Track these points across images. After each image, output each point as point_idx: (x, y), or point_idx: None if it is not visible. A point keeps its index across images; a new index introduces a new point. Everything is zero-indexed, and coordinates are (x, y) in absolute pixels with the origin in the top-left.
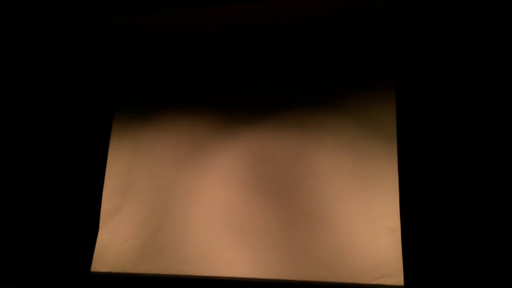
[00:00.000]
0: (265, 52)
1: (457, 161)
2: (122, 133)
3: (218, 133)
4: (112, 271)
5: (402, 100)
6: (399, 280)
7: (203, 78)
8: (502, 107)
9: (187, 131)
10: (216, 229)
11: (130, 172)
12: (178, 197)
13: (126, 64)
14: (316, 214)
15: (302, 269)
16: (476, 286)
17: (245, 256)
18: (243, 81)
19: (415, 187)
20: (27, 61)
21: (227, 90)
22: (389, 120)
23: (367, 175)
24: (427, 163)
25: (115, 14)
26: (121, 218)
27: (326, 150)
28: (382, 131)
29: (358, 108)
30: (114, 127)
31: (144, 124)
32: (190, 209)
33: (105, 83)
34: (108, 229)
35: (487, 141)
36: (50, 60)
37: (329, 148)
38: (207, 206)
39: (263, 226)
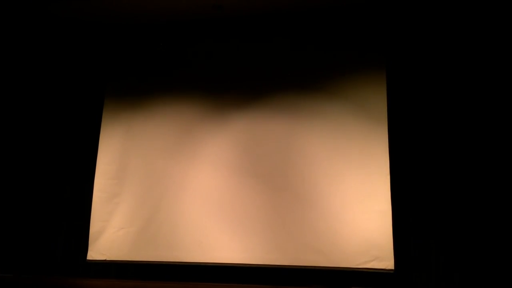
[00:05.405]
0: (254, 36)
1: (448, 144)
2: (113, 120)
3: (208, 119)
4: (108, 259)
5: (393, 83)
6: (390, 263)
7: (193, 64)
8: (493, 89)
9: (179, 117)
10: (208, 215)
11: (122, 159)
12: (170, 183)
13: (115, 52)
14: (307, 198)
15: (293, 254)
16: (465, 269)
17: (237, 242)
18: (233, 66)
19: (406, 170)
20: (17, 51)
21: (217, 76)
22: (379, 103)
23: (358, 159)
24: (418, 146)
25: None
26: (114, 206)
27: (317, 133)
28: (373, 115)
29: (349, 91)
30: (105, 115)
31: (135, 111)
32: (182, 195)
33: (94, 70)
34: (101, 217)
35: (478, 123)
36: (39, 50)
37: (320, 131)
38: (199, 192)
39: (254, 212)
